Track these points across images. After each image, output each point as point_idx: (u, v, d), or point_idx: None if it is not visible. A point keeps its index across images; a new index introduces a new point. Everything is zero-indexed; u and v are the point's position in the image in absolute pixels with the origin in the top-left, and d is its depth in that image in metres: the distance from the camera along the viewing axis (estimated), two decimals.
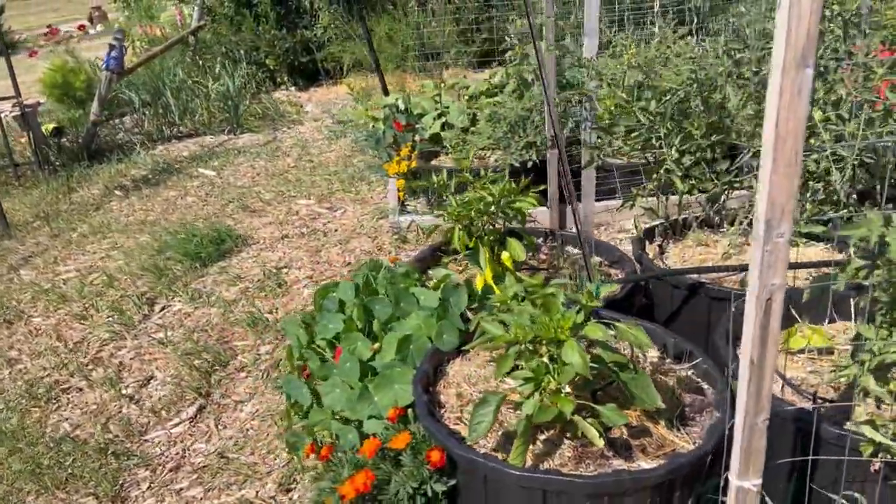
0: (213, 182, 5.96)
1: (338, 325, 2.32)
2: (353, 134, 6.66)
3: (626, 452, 1.78)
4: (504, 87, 4.92)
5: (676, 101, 2.60)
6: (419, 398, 1.93)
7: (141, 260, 4.46)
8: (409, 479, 1.75)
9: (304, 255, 4.13)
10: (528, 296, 1.93)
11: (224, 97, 7.78)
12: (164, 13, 12.79)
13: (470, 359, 2.20)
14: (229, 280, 3.99)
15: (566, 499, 1.64)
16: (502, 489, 1.70)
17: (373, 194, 4.98)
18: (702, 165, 2.70)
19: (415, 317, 2.21)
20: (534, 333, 1.67)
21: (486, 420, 1.71)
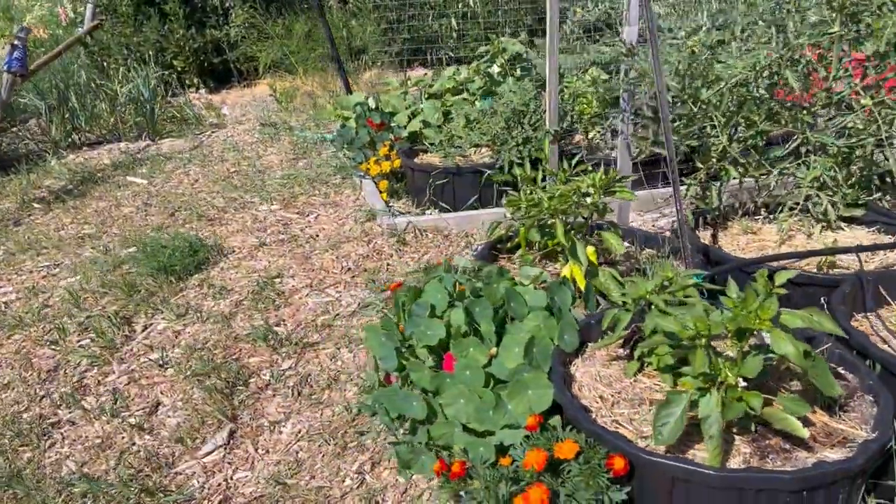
0: (148, 191, 5.53)
1: (438, 331, 2.14)
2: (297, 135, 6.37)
3: (802, 444, 1.72)
4: (471, 83, 4.82)
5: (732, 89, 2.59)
6: (570, 403, 1.80)
7: (97, 277, 4.06)
8: (586, 489, 1.62)
9: (293, 263, 3.87)
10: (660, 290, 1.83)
11: (135, 101, 7.25)
12: (30, 14, 11.87)
13: (588, 359, 2.08)
14: (215, 293, 3.69)
15: (766, 496, 1.56)
16: (695, 492, 1.60)
17: (342, 197, 4.76)
18: (752, 153, 2.70)
19: (533, 317, 2.07)
20: (737, 325, 1.58)
21: (671, 422, 1.61)
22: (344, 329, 3.23)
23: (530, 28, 8.55)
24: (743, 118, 2.62)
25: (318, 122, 6.98)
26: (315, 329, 3.27)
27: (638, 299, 1.86)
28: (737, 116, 2.61)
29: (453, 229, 3.93)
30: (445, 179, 3.91)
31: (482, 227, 3.93)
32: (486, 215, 3.91)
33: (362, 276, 3.63)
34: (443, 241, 3.89)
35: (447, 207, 3.99)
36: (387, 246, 3.88)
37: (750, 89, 2.60)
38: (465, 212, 3.96)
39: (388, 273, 3.63)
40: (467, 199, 3.96)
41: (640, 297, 1.86)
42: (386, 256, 3.79)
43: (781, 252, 2.58)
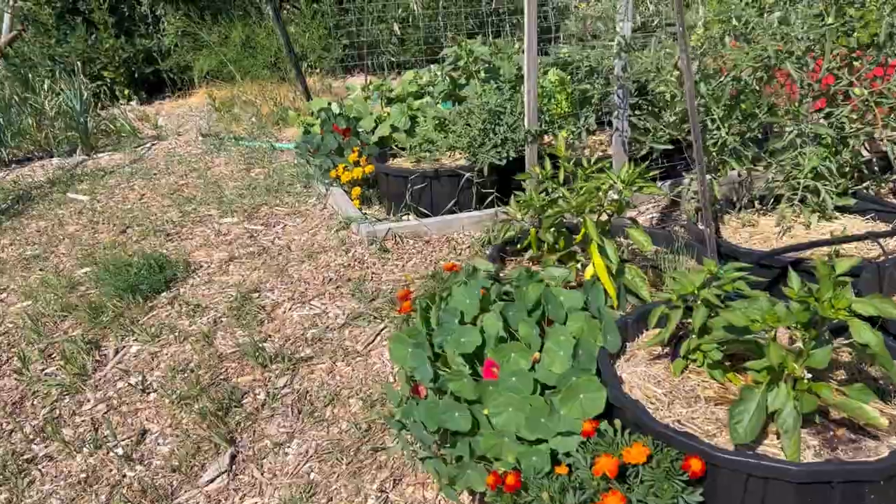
0: (92, 208, 5.25)
1: (474, 338, 2.05)
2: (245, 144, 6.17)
3: (863, 432, 1.70)
4: (434, 85, 4.74)
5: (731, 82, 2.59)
6: (632, 404, 1.74)
7: (52, 299, 3.81)
8: (661, 494, 1.56)
9: (270, 276, 3.71)
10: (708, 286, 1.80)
11: (65, 114, 6.89)
12: None
13: (630, 358, 2.03)
14: (189, 311, 3.50)
15: (849, 489, 1.53)
16: (772, 489, 1.56)
17: (307, 206, 4.61)
18: (749, 146, 2.71)
19: (576, 319, 2.00)
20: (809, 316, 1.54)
21: (747, 418, 1.56)
22: (337, 342, 3.10)
23: (471, 32, 8.53)
24: (742, 111, 2.63)
25: (264, 130, 6.79)
26: (306, 343, 3.12)
27: (686, 295, 1.82)
28: (736, 110, 2.62)
29: (433, 234, 3.84)
30: (423, 184, 3.82)
31: (462, 230, 3.86)
32: (466, 219, 3.83)
33: (347, 287, 3.50)
34: (424, 246, 3.79)
35: (425, 212, 3.90)
36: (367, 254, 3.76)
37: (749, 82, 2.61)
38: (445, 216, 3.87)
39: (373, 282, 3.52)
40: (445, 203, 3.88)
41: (688, 293, 1.82)
42: (369, 265, 3.67)
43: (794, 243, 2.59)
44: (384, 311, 3.25)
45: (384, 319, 3.18)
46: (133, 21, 8.17)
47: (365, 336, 3.11)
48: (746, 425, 1.58)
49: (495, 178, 3.80)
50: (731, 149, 2.67)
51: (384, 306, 3.28)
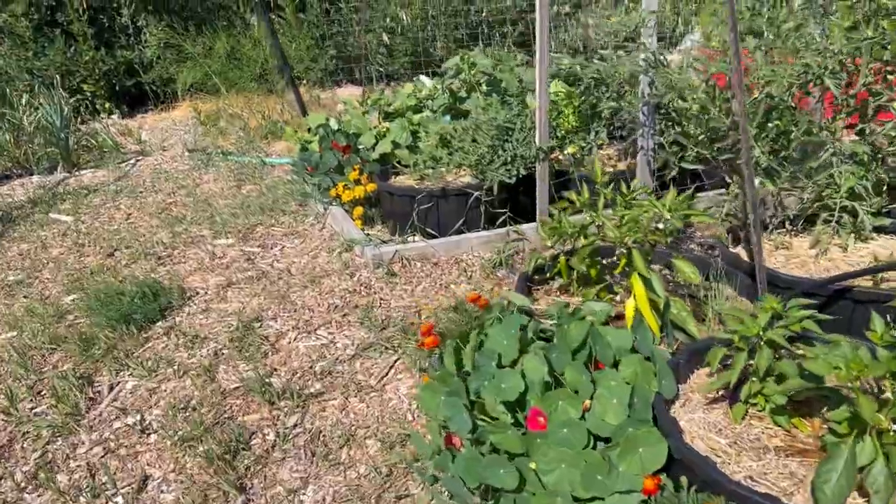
0: (77, 229, 5.03)
1: (514, 384, 1.89)
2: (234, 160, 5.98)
3: None
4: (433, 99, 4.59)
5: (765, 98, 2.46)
6: (701, 460, 1.59)
7: (39, 330, 3.60)
8: None
9: (271, 304, 3.53)
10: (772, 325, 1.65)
11: (45, 130, 6.65)
12: None
13: (685, 404, 1.88)
14: (187, 342, 3.31)
15: None
16: None
17: (305, 226, 4.43)
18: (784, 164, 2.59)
19: (628, 362, 1.85)
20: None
21: (834, 478, 1.42)
22: (348, 375, 2.93)
23: (460, 42, 8.40)
24: (775, 128, 2.50)
25: (253, 145, 6.61)
26: (315, 377, 2.95)
27: (751, 337, 1.68)
28: (771, 129, 2.49)
29: (441, 255, 3.68)
30: (430, 203, 3.66)
31: (471, 251, 3.70)
32: (475, 239, 3.68)
33: (354, 314, 3.33)
34: (433, 269, 3.63)
35: (432, 233, 3.74)
36: (374, 278, 3.59)
37: (784, 98, 2.48)
38: (452, 236, 3.71)
39: (382, 309, 3.35)
40: (453, 222, 3.72)
41: (753, 334, 1.67)
42: (376, 290, 3.50)
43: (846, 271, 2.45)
44: (396, 341, 3.08)
45: (397, 350, 3.01)
46: (113, 32, 7.95)
47: (378, 369, 2.94)
48: (834, 486, 1.44)
49: (504, 197, 3.65)
50: (765, 167, 2.55)
51: (396, 335, 3.12)
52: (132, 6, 7.62)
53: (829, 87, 2.41)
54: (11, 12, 7.58)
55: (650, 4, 2.99)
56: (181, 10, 8.05)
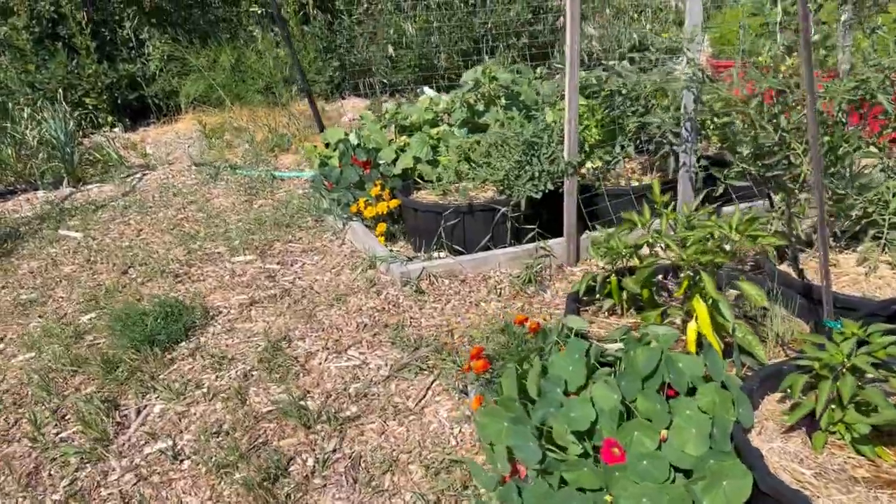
0: (87, 245, 4.95)
1: (585, 413, 1.83)
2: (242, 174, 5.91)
3: None
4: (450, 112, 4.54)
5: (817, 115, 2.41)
6: (792, 493, 1.53)
7: (58, 351, 3.52)
8: None
9: (298, 323, 3.46)
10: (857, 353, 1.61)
11: (48, 144, 6.57)
12: None
13: (762, 432, 1.83)
14: (214, 363, 3.23)
15: None
16: None
17: (323, 242, 4.37)
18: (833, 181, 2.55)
19: (706, 391, 1.80)
20: None
21: None
22: (384, 397, 2.86)
23: (465, 52, 8.38)
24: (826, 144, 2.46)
25: (260, 158, 6.54)
26: (350, 400, 2.88)
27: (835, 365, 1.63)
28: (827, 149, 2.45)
29: (469, 272, 3.63)
30: (457, 219, 3.60)
31: (498, 267, 3.65)
32: (502, 255, 3.63)
33: (385, 334, 3.26)
34: (461, 286, 3.58)
35: (459, 249, 3.68)
36: (402, 296, 3.52)
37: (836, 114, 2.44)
38: (479, 253, 3.66)
39: (413, 328, 3.29)
40: (479, 238, 3.67)
41: (838, 362, 1.63)
42: (404, 308, 3.44)
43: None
44: (430, 361, 3.02)
45: (432, 371, 2.95)
46: (115, 45, 7.88)
47: (414, 390, 2.88)
48: None
49: (531, 212, 3.60)
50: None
51: (429, 355, 3.06)
52: (135, 19, 7.55)
53: (879, 102, 2.38)
54: (12, 25, 7.50)
55: (694, 19, 2.96)
56: (183, 22, 7.99)
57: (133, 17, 7.58)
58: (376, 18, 8.26)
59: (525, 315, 2.61)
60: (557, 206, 3.59)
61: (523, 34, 8.36)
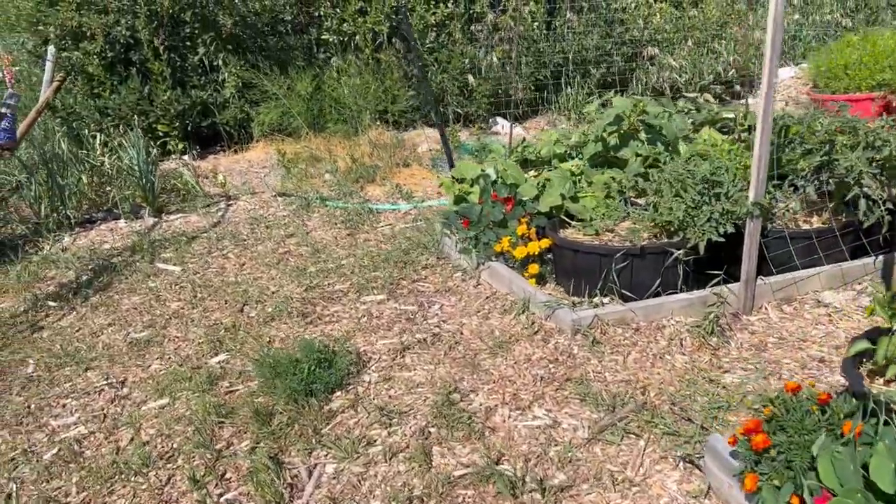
0: (189, 280, 4.72)
1: None
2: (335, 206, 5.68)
3: None
4: (582, 147, 4.32)
5: None
6: None
7: (192, 399, 3.28)
8: None
9: (462, 373, 3.20)
10: None
11: (128, 172, 6.36)
12: None
13: None
14: (382, 419, 2.97)
15: None
16: None
17: (455, 282, 4.12)
18: None
19: None
20: None
21: None
22: (593, 464, 2.59)
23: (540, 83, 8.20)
24: None
25: (344, 188, 6.30)
26: (553, 465, 2.61)
27: None
28: None
29: (641, 321, 3.37)
30: (626, 262, 3.35)
31: (671, 316, 3.39)
32: (675, 302, 3.37)
33: (568, 389, 3.00)
34: (636, 336, 3.32)
35: (630, 295, 3.42)
36: (575, 346, 3.26)
37: None
38: (651, 300, 3.40)
39: (599, 383, 3.02)
40: (648, 283, 3.41)
41: None
42: (581, 360, 3.18)
43: None
44: (633, 423, 2.75)
45: (640, 435, 2.68)
46: (185, 72, 7.71)
47: (626, 457, 2.61)
48: None
49: (707, 257, 3.35)
50: None
51: (630, 416, 2.79)
52: (211, 45, 7.39)
53: None
54: (84, 50, 7.34)
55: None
56: (259, 50, 7.83)
57: (210, 43, 7.42)
58: (450, 49, 8.10)
59: (812, 381, 2.32)
60: (722, 249, 3.35)
61: (602, 64, 8.18)
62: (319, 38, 8.26)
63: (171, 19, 7.31)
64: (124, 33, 7.16)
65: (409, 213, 5.62)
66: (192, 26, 7.38)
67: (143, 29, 7.21)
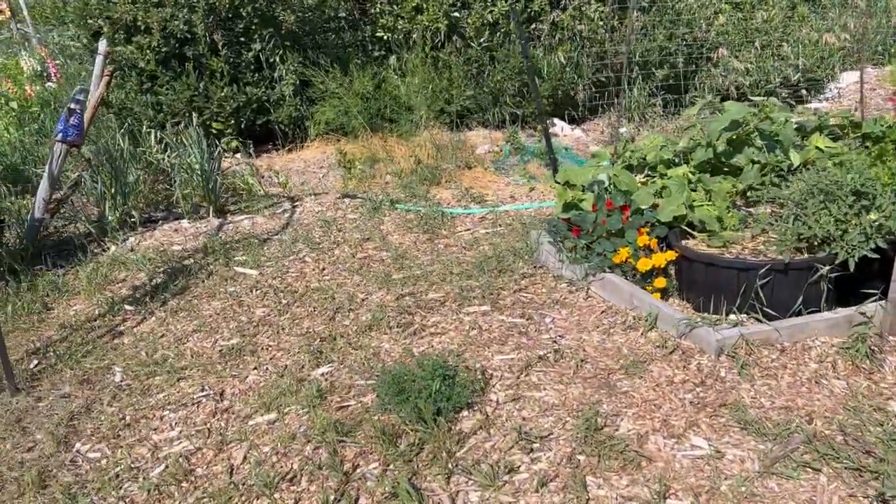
0: (269, 284, 4.54)
1: None
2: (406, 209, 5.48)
3: None
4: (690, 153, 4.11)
5: None
6: None
7: (302, 413, 3.10)
8: None
9: (598, 395, 3.00)
10: None
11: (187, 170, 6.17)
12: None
13: None
14: (520, 443, 2.77)
15: None
16: None
17: (562, 293, 3.92)
18: None
19: None
20: None
21: None
22: (773, 501, 2.38)
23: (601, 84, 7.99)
24: None
25: (410, 191, 6.11)
26: (730, 502, 2.40)
27: None
28: None
29: (785, 342, 3.16)
30: (768, 278, 3.14)
31: (815, 337, 3.18)
32: (820, 322, 3.16)
33: (723, 416, 2.80)
34: (781, 357, 3.11)
35: (774, 314, 3.21)
36: (722, 369, 3.05)
37: None
38: (795, 319, 3.19)
39: (757, 410, 2.82)
40: (787, 301, 3.20)
41: None
42: (731, 383, 2.97)
43: None
44: (806, 455, 2.54)
45: (819, 470, 2.47)
46: (238, 68, 7.52)
47: (807, 494, 2.41)
48: None
49: (851, 274, 3.14)
50: None
51: (801, 447, 2.58)
52: (270, 41, 7.21)
53: None
54: (137, 44, 7.17)
55: None
56: (315, 47, 7.65)
57: (268, 39, 7.24)
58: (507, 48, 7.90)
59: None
60: (866, 266, 3.14)
61: (664, 65, 7.96)
62: (374, 36, 8.07)
63: (229, 14, 7.13)
64: (182, 27, 6.98)
65: (485, 217, 5.43)
66: (249, 21, 7.19)
67: (199, 23, 7.02)
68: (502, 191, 6.06)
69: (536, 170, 6.47)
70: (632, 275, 3.56)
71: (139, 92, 7.38)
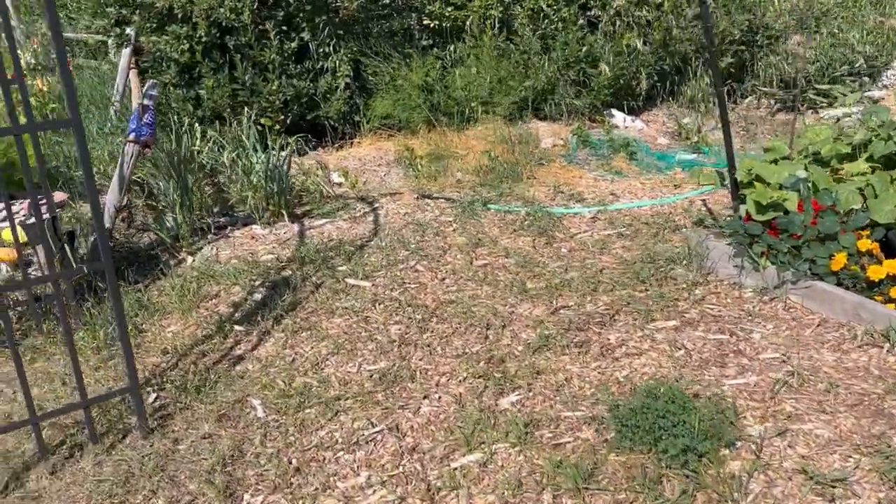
0: (390, 297, 4.09)
1: None
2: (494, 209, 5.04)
3: None
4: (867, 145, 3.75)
5: None
6: None
7: (513, 454, 2.69)
8: None
9: (881, 426, 2.62)
10: None
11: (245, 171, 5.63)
12: None
13: None
14: (811, 488, 2.37)
15: None
16: None
17: (751, 304, 3.53)
18: None
19: None
20: None
21: None
22: None
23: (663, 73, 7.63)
24: None
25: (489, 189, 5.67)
26: None
27: None
28: None
29: None
30: None
31: None
32: None
33: None
34: None
35: None
36: None
37: None
38: None
39: None
40: None
41: None
42: None
43: None
44: None
45: None
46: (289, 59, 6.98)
47: None
48: None
49: None
50: None
51: None
52: (324, 30, 6.69)
53: None
54: (174, 34, 6.59)
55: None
56: (366, 36, 7.15)
57: (322, 28, 6.71)
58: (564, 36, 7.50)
59: None
60: None
61: (727, 53, 7.64)
62: (420, 23, 7.60)
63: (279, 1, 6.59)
64: (228, 15, 6.42)
65: (597, 217, 5.02)
66: (298, 8, 6.66)
67: (246, 10, 6.47)
68: (596, 187, 5.67)
69: (623, 164, 6.09)
70: (851, 283, 3.17)
71: (176, 86, 6.79)
